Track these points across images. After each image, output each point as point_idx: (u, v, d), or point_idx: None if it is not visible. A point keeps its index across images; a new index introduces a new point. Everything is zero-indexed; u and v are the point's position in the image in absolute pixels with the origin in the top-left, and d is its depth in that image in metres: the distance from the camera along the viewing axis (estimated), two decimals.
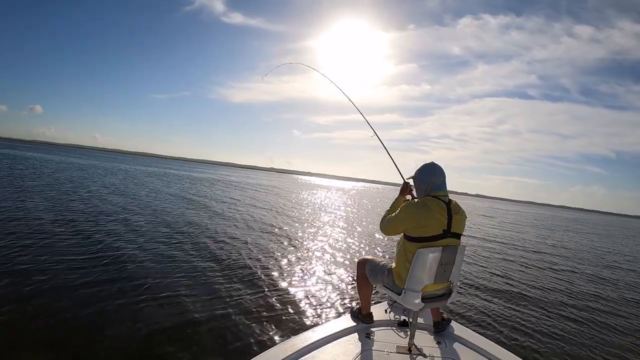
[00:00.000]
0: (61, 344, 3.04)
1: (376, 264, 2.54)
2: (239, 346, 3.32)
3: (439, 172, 2.28)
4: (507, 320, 4.87)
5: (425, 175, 2.30)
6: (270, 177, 74.37)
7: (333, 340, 2.41)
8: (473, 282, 6.66)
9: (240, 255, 6.66)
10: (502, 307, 5.39)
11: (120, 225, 8.03)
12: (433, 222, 2.12)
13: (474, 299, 5.66)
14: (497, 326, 4.60)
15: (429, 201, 2.18)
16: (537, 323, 4.87)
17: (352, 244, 9.20)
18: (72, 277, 4.51)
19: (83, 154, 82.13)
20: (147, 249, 6.29)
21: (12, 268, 4.58)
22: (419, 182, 2.33)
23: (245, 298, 4.51)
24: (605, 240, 20.96)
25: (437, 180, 2.27)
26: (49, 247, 5.64)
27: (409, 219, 2.16)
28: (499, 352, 2.38)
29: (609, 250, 15.53)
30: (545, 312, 5.42)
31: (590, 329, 4.92)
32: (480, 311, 5.10)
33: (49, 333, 3.19)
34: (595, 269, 9.94)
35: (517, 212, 52.54)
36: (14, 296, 3.80)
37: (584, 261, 11.10)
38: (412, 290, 2.17)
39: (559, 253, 12.26)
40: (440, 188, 2.26)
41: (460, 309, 5.07)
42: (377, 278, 2.47)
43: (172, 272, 5.23)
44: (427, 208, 2.14)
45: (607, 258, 12.62)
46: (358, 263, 2.72)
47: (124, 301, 4.01)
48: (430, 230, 2.12)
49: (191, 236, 7.83)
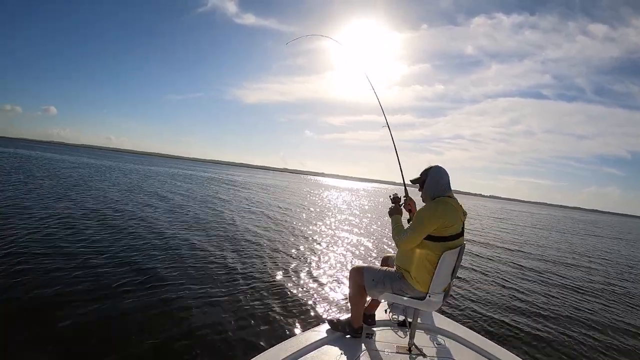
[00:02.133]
0: (61, 344, 3.07)
1: (377, 271, 2.41)
2: (239, 346, 3.34)
3: (446, 174, 2.35)
4: (507, 320, 4.85)
5: (437, 177, 2.34)
6: (284, 179, 74.52)
7: (334, 340, 2.42)
8: (474, 283, 6.63)
9: (257, 258, 6.73)
10: (503, 308, 5.37)
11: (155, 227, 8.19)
12: (456, 220, 2.18)
13: (475, 299, 5.65)
14: (497, 326, 4.60)
15: (448, 200, 2.23)
16: (537, 323, 4.86)
17: (366, 246, 9.19)
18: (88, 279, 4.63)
19: (105, 156, 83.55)
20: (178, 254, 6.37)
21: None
22: (432, 185, 2.33)
23: (248, 298, 4.55)
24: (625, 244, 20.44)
25: (446, 181, 2.33)
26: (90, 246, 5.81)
27: (436, 220, 2.13)
28: (499, 352, 2.38)
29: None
30: (546, 312, 5.38)
31: (595, 333, 4.84)
32: (481, 311, 5.09)
33: (50, 333, 3.22)
34: (610, 275, 9.70)
35: (535, 213, 51.65)
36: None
37: (595, 264, 10.87)
38: (436, 293, 2.17)
39: (568, 256, 12.02)
40: (450, 189, 2.33)
41: (460, 310, 5.07)
42: (384, 286, 2.31)
43: (183, 271, 5.31)
44: (451, 206, 2.19)
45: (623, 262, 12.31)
46: (352, 272, 2.51)
47: (125, 300, 4.04)
48: (456, 228, 2.17)
49: (212, 236, 7.95)
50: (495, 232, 16.94)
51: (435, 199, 2.27)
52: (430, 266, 2.15)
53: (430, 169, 2.38)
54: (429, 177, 2.35)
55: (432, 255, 2.14)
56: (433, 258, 2.14)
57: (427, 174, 2.37)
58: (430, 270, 2.15)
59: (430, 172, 2.37)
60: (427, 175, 2.37)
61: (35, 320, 3.40)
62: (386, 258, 2.74)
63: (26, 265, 4.69)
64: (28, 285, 4.10)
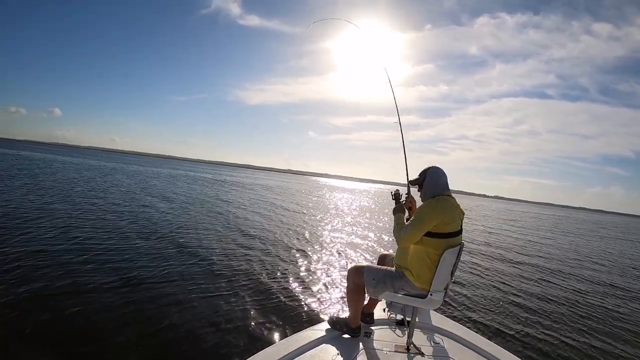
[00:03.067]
0: (62, 344, 3.09)
1: (378, 271, 2.39)
2: (236, 344, 3.36)
3: (444, 174, 2.38)
4: (506, 320, 4.84)
5: (436, 177, 2.36)
6: (288, 180, 74.67)
7: (332, 339, 2.42)
8: (473, 282, 6.62)
9: (259, 255, 6.75)
10: (501, 307, 5.37)
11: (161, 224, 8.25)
12: (455, 217, 2.21)
13: (474, 299, 5.64)
14: (496, 326, 4.59)
15: (447, 199, 2.26)
16: (536, 323, 4.84)
17: (370, 244, 9.19)
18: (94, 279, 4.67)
19: (110, 157, 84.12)
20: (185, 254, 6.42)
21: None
22: (431, 185, 2.35)
23: (246, 296, 4.56)
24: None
25: (444, 181, 2.36)
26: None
27: (436, 216, 2.15)
28: (498, 351, 2.38)
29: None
30: (545, 312, 5.35)
31: (595, 334, 4.81)
32: (479, 311, 5.08)
33: (51, 333, 3.24)
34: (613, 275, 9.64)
35: (539, 214, 51.41)
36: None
37: (598, 265, 10.80)
38: (438, 291, 2.18)
39: (570, 257, 11.96)
40: (448, 188, 2.35)
41: (460, 309, 5.06)
42: (384, 286, 2.30)
43: (185, 271, 5.33)
44: (450, 204, 2.23)
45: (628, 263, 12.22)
46: (351, 271, 2.51)
47: (125, 301, 4.05)
48: (455, 225, 2.20)
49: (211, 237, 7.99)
50: (496, 232, 16.89)
51: (435, 197, 2.28)
52: (431, 263, 2.16)
53: (428, 170, 2.40)
54: (427, 177, 2.38)
55: (432, 252, 2.15)
56: (434, 255, 2.15)
57: (425, 174, 2.39)
58: (431, 268, 2.15)
59: (428, 172, 2.39)
60: (425, 176, 2.39)
61: (49, 311, 3.44)
62: (383, 257, 2.73)
63: (43, 261, 4.76)
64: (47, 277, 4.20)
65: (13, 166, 21.99)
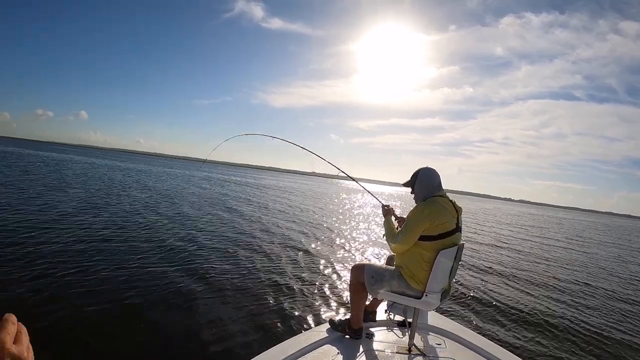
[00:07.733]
0: (62, 344, 3.08)
1: (377, 268, 2.40)
2: (238, 345, 3.36)
3: (435, 175, 2.39)
4: (508, 321, 4.81)
5: (426, 179, 2.38)
6: (313, 182, 74.51)
7: (333, 341, 2.42)
8: (476, 284, 6.55)
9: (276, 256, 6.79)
10: (503, 309, 5.31)
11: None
12: (448, 217, 2.20)
13: (475, 299, 5.59)
14: (497, 326, 4.56)
15: (437, 200, 2.26)
16: (537, 325, 4.80)
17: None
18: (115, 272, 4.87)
19: (138, 160, 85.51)
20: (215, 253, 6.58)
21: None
22: (423, 186, 2.38)
23: (249, 297, 4.58)
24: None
25: (437, 182, 2.37)
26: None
27: (426, 220, 2.17)
28: (499, 352, 2.36)
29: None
30: (547, 314, 5.30)
31: (595, 334, 4.72)
32: (481, 312, 5.05)
33: (52, 333, 3.20)
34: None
35: (565, 219, 49.11)
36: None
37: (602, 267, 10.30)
38: (433, 292, 2.16)
39: (578, 261, 11.43)
40: (441, 188, 2.37)
41: (460, 310, 5.02)
42: (382, 284, 2.31)
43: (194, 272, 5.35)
44: (440, 205, 2.22)
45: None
46: (353, 269, 2.52)
47: (125, 300, 4.07)
48: (448, 225, 2.18)
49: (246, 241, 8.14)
50: (507, 235, 16.25)
51: (426, 199, 2.32)
52: (425, 264, 2.16)
53: (419, 172, 2.42)
54: (417, 179, 2.40)
55: (426, 253, 2.17)
56: (428, 257, 2.16)
57: (417, 176, 2.42)
58: (426, 269, 2.16)
59: (419, 174, 2.41)
60: (416, 178, 2.41)
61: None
62: (391, 257, 2.72)
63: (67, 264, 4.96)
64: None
65: (80, 173, 22.29)
